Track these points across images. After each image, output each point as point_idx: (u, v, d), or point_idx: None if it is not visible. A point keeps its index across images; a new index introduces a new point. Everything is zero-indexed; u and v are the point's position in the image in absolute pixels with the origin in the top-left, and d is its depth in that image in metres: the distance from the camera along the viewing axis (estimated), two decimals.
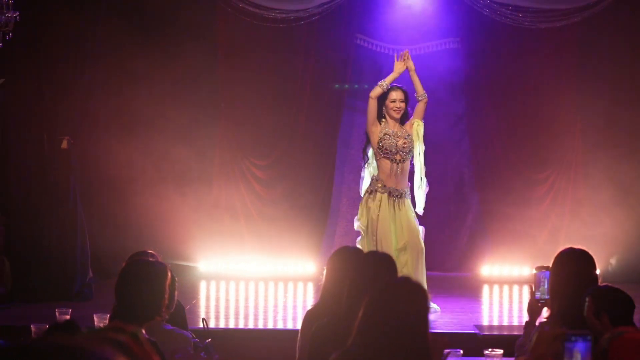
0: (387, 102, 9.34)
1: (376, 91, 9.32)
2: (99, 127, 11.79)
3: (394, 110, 9.31)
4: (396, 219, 9.22)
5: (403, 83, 9.58)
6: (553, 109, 12.02)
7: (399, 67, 9.47)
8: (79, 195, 10.60)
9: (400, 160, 9.28)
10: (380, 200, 9.24)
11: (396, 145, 9.25)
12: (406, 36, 12.10)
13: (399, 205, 9.24)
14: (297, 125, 12.04)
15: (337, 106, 12.08)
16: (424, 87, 9.58)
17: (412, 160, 9.46)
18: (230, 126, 12.03)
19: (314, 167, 12.09)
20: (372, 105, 9.33)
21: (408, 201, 9.34)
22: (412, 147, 9.34)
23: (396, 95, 9.34)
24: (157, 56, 11.70)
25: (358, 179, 9.67)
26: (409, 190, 9.40)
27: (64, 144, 10.51)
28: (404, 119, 9.41)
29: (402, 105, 9.34)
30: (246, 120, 12.06)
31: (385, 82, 9.35)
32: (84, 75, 10.71)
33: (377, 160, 9.40)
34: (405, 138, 9.29)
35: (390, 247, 8.98)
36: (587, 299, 4.80)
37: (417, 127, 9.42)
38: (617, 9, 11.65)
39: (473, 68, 12.09)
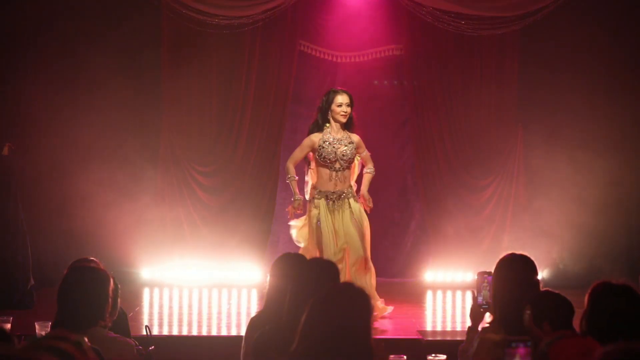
0: (333, 106, 9.29)
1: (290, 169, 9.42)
2: (40, 134, 11.69)
3: (341, 115, 9.26)
4: (335, 222, 9.20)
5: (348, 88, 9.60)
6: (495, 116, 12.12)
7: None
8: (20, 202, 10.48)
9: (339, 168, 9.27)
10: (319, 207, 9.23)
11: (335, 153, 9.21)
12: (349, 43, 12.15)
13: (340, 208, 9.22)
14: (241, 132, 12.02)
15: (280, 112, 12.07)
16: (367, 93, 9.63)
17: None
18: (173, 133, 11.98)
19: (258, 174, 12.08)
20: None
21: (351, 201, 9.29)
22: (353, 156, 9.33)
23: (342, 99, 9.30)
24: (100, 62, 11.64)
25: (302, 184, 9.65)
26: (351, 190, 9.37)
27: (5, 151, 10.39)
28: (349, 124, 9.38)
29: (348, 109, 9.29)
30: (190, 127, 12.03)
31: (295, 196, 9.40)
32: (25, 81, 10.61)
33: (316, 167, 9.39)
34: (346, 145, 9.26)
35: (330, 253, 8.97)
36: (526, 311, 4.83)
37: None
38: (557, 16, 11.77)
39: (415, 74, 12.15)
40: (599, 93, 12.06)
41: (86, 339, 4.56)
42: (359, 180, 9.60)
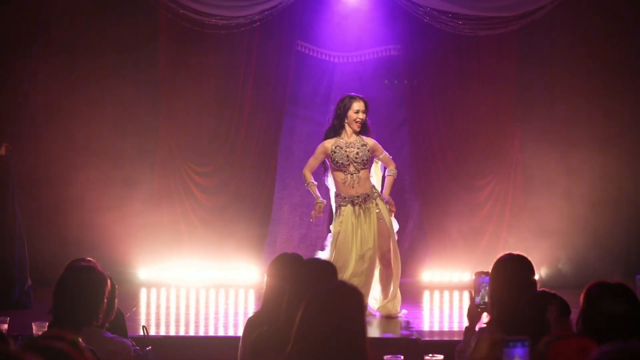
0: (350, 112, 9.28)
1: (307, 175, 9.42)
2: (38, 134, 11.70)
3: (356, 122, 9.27)
4: (361, 227, 9.20)
5: (343, 90, 9.62)
6: (492, 116, 12.14)
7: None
8: (17, 202, 10.47)
9: (354, 171, 9.24)
10: (343, 214, 9.23)
11: (347, 156, 9.21)
12: (346, 43, 12.16)
13: (368, 211, 9.22)
14: (239, 132, 12.02)
15: (278, 113, 12.08)
16: (364, 93, 9.62)
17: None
18: (171, 133, 11.98)
19: (256, 174, 12.08)
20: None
21: (378, 202, 9.28)
22: (367, 158, 9.29)
23: (359, 105, 9.30)
24: (97, 63, 11.65)
25: (299, 184, 9.67)
26: (376, 190, 9.36)
27: (3, 151, 10.38)
28: (363, 129, 9.37)
29: (364, 116, 9.30)
30: (187, 128, 12.03)
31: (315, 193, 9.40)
32: (22, 82, 10.61)
33: (332, 173, 9.38)
34: (358, 148, 9.25)
35: (347, 257, 9.01)
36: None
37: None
38: (555, 16, 11.79)
39: (414, 75, 12.16)
40: (596, 92, 12.07)
41: (80, 339, 4.55)
42: (382, 183, 9.62)
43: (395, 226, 9.50)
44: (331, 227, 9.46)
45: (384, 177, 9.62)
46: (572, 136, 12.01)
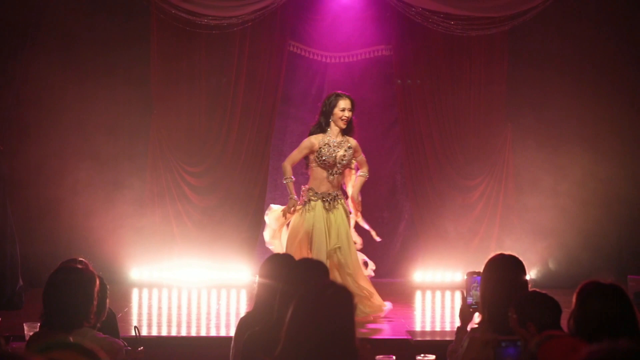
0: (336, 110, 9.27)
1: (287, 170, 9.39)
2: (29, 135, 11.68)
3: (342, 120, 9.26)
4: (330, 222, 9.21)
5: (349, 92, 9.62)
6: (484, 116, 12.15)
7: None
8: (9, 202, 10.46)
9: (336, 172, 9.28)
10: (315, 209, 9.23)
11: (335, 157, 9.22)
12: (338, 43, 12.16)
13: (334, 209, 9.24)
14: (230, 132, 12.02)
15: (270, 113, 12.07)
16: (356, 93, 9.62)
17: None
18: (162, 133, 11.97)
19: (248, 174, 12.07)
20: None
21: (342, 202, 9.32)
22: (350, 161, 9.33)
23: (345, 103, 9.29)
24: (89, 63, 11.65)
25: (299, 186, 9.61)
26: (341, 193, 9.40)
27: None
28: (348, 129, 9.37)
29: (350, 114, 9.30)
30: (179, 127, 12.02)
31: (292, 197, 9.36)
32: (14, 82, 10.59)
33: (312, 167, 9.38)
34: (345, 150, 9.26)
35: (324, 254, 8.99)
36: (510, 314, 4.83)
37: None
38: (547, 17, 11.80)
39: (405, 75, 12.17)
40: (588, 92, 12.10)
41: (71, 339, 4.54)
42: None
43: (356, 238, 9.51)
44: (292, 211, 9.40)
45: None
46: (562, 136, 12.03)
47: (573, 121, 12.06)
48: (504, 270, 5.27)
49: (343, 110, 9.26)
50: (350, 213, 9.51)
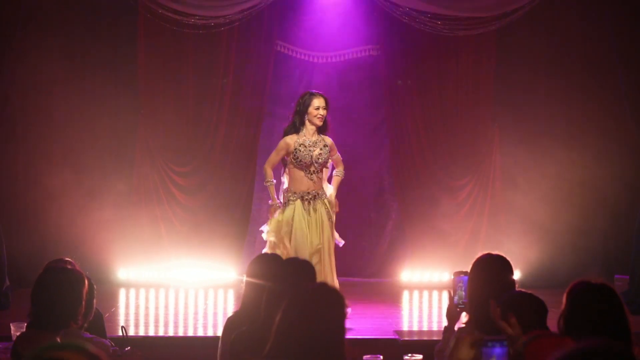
0: (311, 108, 9.22)
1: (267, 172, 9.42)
2: (16, 134, 11.66)
3: (317, 118, 9.19)
4: (311, 221, 9.16)
5: (323, 90, 9.60)
6: (471, 116, 12.17)
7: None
8: None
9: (314, 171, 9.22)
10: (294, 209, 9.20)
11: (311, 156, 9.17)
12: (326, 43, 12.17)
13: (314, 208, 9.19)
14: (218, 132, 12.01)
15: (257, 112, 12.07)
16: (343, 93, 9.60)
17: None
18: (150, 133, 11.95)
19: (235, 174, 12.06)
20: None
21: (325, 201, 9.27)
22: (327, 159, 9.29)
23: (319, 102, 9.23)
24: (77, 63, 11.63)
25: (278, 184, 9.61)
26: (324, 191, 9.34)
27: None
28: (323, 128, 9.34)
29: (325, 113, 9.24)
30: (166, 127, 12.00)
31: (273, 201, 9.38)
32: (1, 82, 10.57)
33: (289, 169, 9.36)
34: (321, 149, 9.21)
35: (305, 254, 8.95)
36: (491, 306, 4.84)
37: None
38: (534, 17, 11.83)
39: (392, 75, 12.17)
40: (576, 92, 12.12)
41: (58, 340, 4.53)
42: (329, 182, 9.58)
43: (339, 239, 9.47)
44: (276, 215, 9.36)
45: (331, 176, 9.59)
46: (549, 135, 12.05)
47: (560, 121, 12.08)
48: (491, 270, 5.27)
49: (317, 108, 9.21)
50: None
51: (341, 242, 9.51)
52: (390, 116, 12.26)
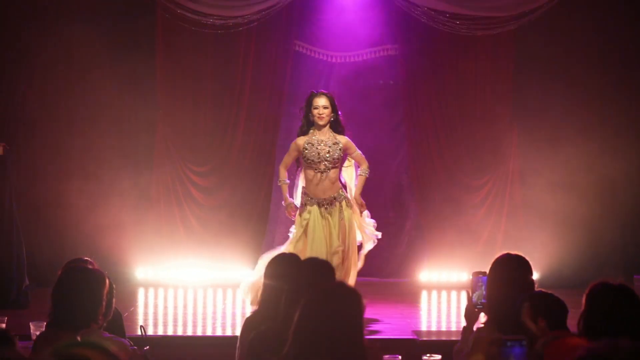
0: (312, 108, 9.24)
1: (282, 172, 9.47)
2: (35, 134, 11.70)
3: (317, 117, 9.18)
4: (327, 225, 9.14)
5: (340, 90, 9.59)
6: (490, 116, 12.13)
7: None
8: (15, 201, 10.48)
9: (324, 169, 9.19)
10: (311, 212, 9.19)
11: (318, 154, 9.14)
12: (344, 43, 12.15)
13: (330, 213, 9.17)
14: (236, 132, 12.01)
15: (275, 112, 12.07)
16: (362, 93, 9.57)
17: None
18: (168, 133, 11.97)
19: (253, 174, 12.07)
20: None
21: (343, 204, 9.22)
22: (339, 157, 9.22)
23: (318, 101, 9.21)
24: (95, 62, 11.64)
25: (293, 186, 9.61)
26: (342, 193, 9.29)
27: (0, 150, 10.39)
28: (335, 127, 9.28)
29: (325, 111, 9.19)
30: (185, 127, 12.01)
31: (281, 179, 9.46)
32: (20, 81, 10.61)
33: (303, 169, 9.34)
34: (330, 147, 9.18)
35: (322, 254, 8.93)
36: (524, 304, 4.83)
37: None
38: (553, 16, 11.78)
39: (411, 75, 12.15)
40: (594, 92, 12.07)
41: (78, 339, 4.54)
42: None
43: (371, 229, 9.46)
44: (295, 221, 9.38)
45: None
46: (569, 135, 12.00)
47: (579, 120, 12.03)
48: (510, 270, 5.27)
49: (316, 108, 9.20)
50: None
51: (377, 235, 9.51)
52: (409, 116, 12.24)
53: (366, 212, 9.48)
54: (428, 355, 5.60)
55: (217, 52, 11.93)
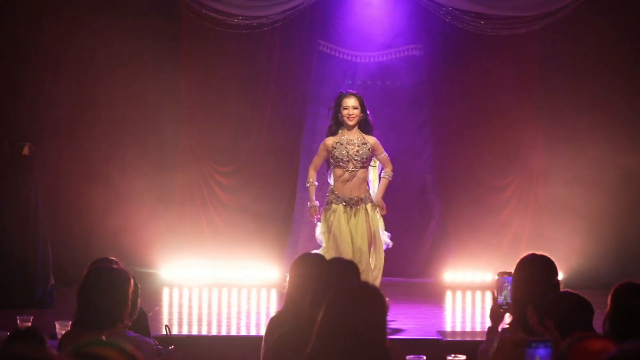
0: (341, 109, 9.25)
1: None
2: (60, 134, 11.74)
3: (347, 118, 9.19)
4: (351, 225, 9.13)
5: (364, 90, 9.58)
6: (515, 116, 12.08)
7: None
8: (40, 201, 10.53)
9: (353, 168, 9.18)
10: (336, 211, 9.18)
11: (347, 153, 9.15)
12: (368, 42, 12.14)
13: (354, 213, 9.16)
14: (261, 132, 12.02)
15: (299, 112, 12.08)
16: (386, 93, 9.55)
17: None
18: (193, 133, 12.00)
19: (278, 174, 12.07)
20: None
21: (368, 207, 9.22)
22: (367, 157, 9.22)
23: (347, 102, 9.23)
24: (120, 62, 11.68)
25: (321, 184, 9.62)
26: (368, 194, 9.30)
27: (26, 151, 10.45)
28: (363, 127, 9.29)
29: (355, 111, 9.20)
30: (209, 127, 12.03)
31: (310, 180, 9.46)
32: (46, 80, 10.65)
33: (332, 169, 9.34)
34: (359, 146, 9.18)
35: (348, 253, 8.93)
36: (529, 310, 4.82)
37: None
38: (578, 16, 11.74)
39: (435, 75, 12.12)
40: (620, 93, 12.02)
41: (103, 338, 4.55)
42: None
43: (387, 240, 9.42)
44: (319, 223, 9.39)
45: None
46: (595, 136, 11.95)
47: (606, 121, 11.97)
48: (536, 271, 5.25)
49: (346, 108, 9.21)
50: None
51: (389, 244, 9.47)
52: (433, 116, 12.22)
53: (382, 223, 9.42)
54: (453, 355, 5.59)
55: (241, 52, 11.95)
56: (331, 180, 9.39)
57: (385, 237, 9.38)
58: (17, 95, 10.52)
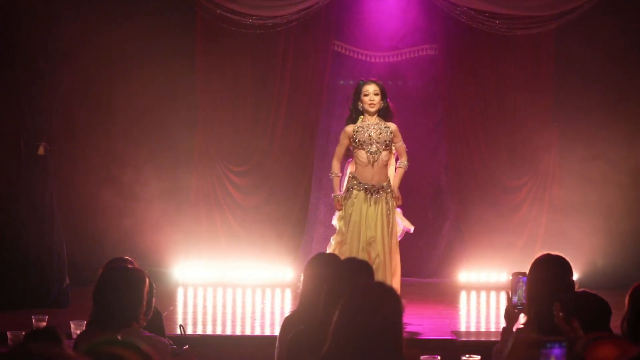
0: (362, 96, 9.23)
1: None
2: (76, 134, 11.77)
3: (368, 104, 9.17)
4: (370, 213, 9.10)
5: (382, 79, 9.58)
6: (530, 116, 12.06)
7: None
8: (55, 201, 10.55)
9: (376, 151, 9.15)
10: (356, 198, 9.16)
11: (370, 135, 9.13)
12: (382, 42, 12.14)
13: (374, 200, 9.13)
14: (275, 132, 12.03)
15: (314, 112, 12.07)
16: (401, 93, 9.54)
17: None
18: (207, 133, 12.01)
19: (292, 174, 12.08)
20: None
21: (388, 198, 9.19)
22: (390, 140, 9.18)
23: (367, 88, 9.22)
24: (135, 62, 11.70)
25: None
26: (388, 184, 9.25)
27: (41, 151, 10.47)
28: (384, 114, 9.27)
29: (376, 98, 9.19)
30: (224, 127, 12.04)
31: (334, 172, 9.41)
32: (61, 81, 10.68)
33: (354, 154, 9.28)
34: (381, 129, 9.15)
35: (357, 243, 8.91)
36: (556, 304, 4.80)
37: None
38: (593, 16, 11.70)
39: (450, 74, 12.11)
40: (635, 93, 11.99)
41: (119, 338, 4.56)
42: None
43: (408, 225, 9.41)
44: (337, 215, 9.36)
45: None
46: (610, 136, 11.93)
47: (621, 121, 11.95)
48: (551, 271, 5.24)
49: (367, 94, 9.19)
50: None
51: (411, 229, 9.45)
52: (448, 116, 12.20)
53: (399, 212, 9.42)
54: (467, 355, 5.58)
55: (256, 52, 11.95)
56: (350, 168, 9.35)
57: (406, 222, 9.38)
58: (33, 96, 10.54)
